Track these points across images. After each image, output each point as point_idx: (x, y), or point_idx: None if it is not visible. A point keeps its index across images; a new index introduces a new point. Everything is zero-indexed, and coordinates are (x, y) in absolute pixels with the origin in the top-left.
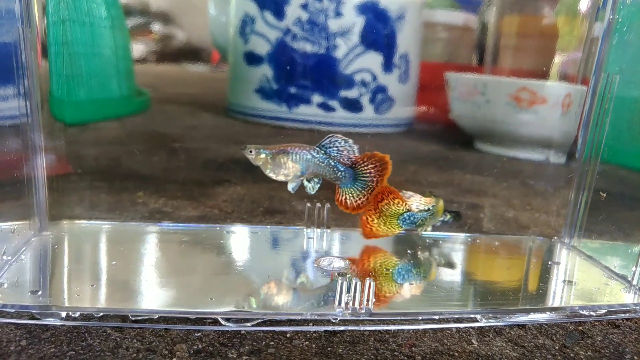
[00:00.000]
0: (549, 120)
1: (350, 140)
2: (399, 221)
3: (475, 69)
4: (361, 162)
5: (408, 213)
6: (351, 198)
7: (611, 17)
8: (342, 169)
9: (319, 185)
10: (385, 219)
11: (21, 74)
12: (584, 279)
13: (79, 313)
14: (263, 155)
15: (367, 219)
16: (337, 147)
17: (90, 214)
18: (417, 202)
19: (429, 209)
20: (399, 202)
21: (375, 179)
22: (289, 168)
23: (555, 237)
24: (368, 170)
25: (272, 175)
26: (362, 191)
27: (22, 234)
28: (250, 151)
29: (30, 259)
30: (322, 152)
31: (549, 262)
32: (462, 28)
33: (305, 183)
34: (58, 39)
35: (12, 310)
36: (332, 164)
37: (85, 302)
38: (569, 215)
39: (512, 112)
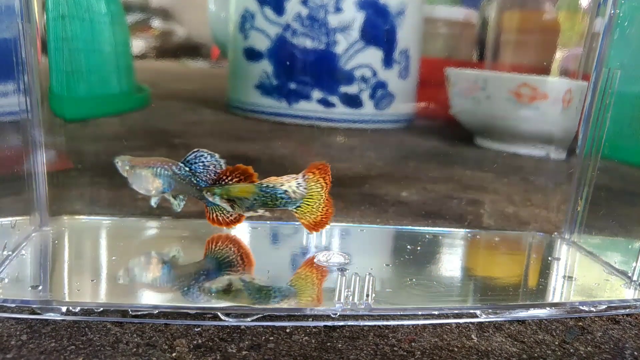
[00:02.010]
0: (549, 116)
1: (217, 155)
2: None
3: (476, 65)
4: (224, 177)
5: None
6: (222, 214)
7: (612, 11)
8: (204, 187)
9: (183, 202)
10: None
11: (21, 70)
12: (584, 274)
13: (79, 308)
14: (127, 167)
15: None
16: (202, 162)
17: (90, 209)
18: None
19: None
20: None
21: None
22: (150, 183)
23: (556, 233)
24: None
25: (135, 188)
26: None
27: (23, 229)
28: (117, 162)
29: (31, 254)
30: (187, 168)
31: (549, 258)
32: (463, 23)
33: (171, 200)
34: (58, 35)
35: (13, 305)
36: (195, 181)
37: (85, 297)
38: (569, 211)
39: (512, 107)
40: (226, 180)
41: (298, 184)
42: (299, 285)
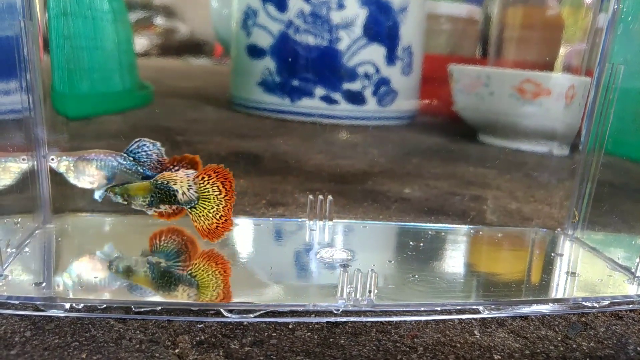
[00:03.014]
0: (552, 112)
1: (158, 144)
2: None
3: (479, 61)
4: (170, 166)
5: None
6: (165, 208)
7: (616, 7)
8: (150, 175)
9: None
10: None
11: (23, 68)
12: (587, 270)
13: (82, 304)
14: (65, 162)
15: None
16: (145, 151)
17: (93, 206)
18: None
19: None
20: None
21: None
22: (93, 175)
23: (559, 229)
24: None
25: (77, 183)
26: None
27: (26, 226)
28: (52, 159)
29: (35, 251)
30: (130, 158)
31: (552, 254)
32: (466, 20)
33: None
34: (60, 32)
35: (17, 302)
36: (140, 170)
37: (88, 293)
38: (572, 206)
39: (515, 104)
40: (173, 170)
41: (189, 186)
42: (198, 276)
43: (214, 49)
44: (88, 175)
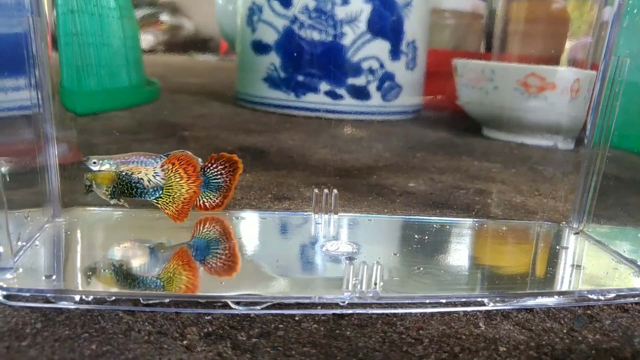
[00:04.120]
0: (557, 106)
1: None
2: None
3: (483, 56)
4: (209, 165)
5: None
6: (209, 200)
7: (621, 0)
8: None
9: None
10: None
11: (32, 65)
12: (592, 263)
13: (92, 297)
14: (107, 166)
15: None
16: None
17: (101, 201)
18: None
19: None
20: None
21: (227, 179)
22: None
23: (564, 222)
24: (218, 172)
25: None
26: (217, 192)
27: (36, 220)
28: (94, 162)
29: (44, 245)
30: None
31: (557, 247)
32: (470, 14)
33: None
34: (67, 29)
35: (28, 294)
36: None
37: (98, 286)
38: (577, 200)
39: (520, 98)
40: (211, 169)
41: (155, 173)
42: (164, 278)
43: (219, 45)
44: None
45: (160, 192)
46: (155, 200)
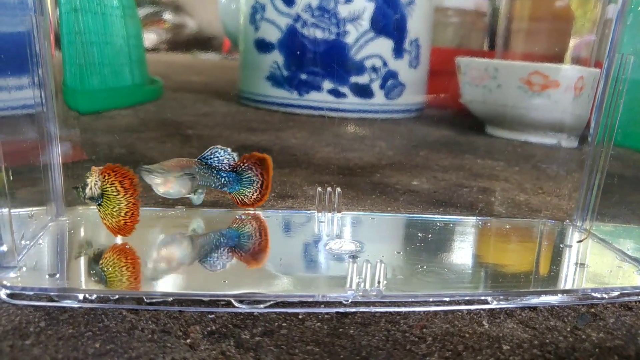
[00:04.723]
0: (561, 104)
1: (229, 149)
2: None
3: (487, 54)
4: (241, 164)
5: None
6: (245, 197)
7: None
8: (224, 175)
9: (203, 195)
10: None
11: (35, 63)
12: (596, 261)
13: (95, 295)
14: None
15: None
16: (217, 157)
17: None
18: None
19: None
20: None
21: (259, 174)
22: (182, 184)
23: (567, 220)
24: (250, 169)
25: (169, 190)
26: (252, 187)
27: (40, 219)
28: (160, 172)
29: (48, 244)
30: (203, 163)
31: (561, 245)
32: (474, 12)
33: (192, 195)
34: (71, 28)
35: (31, 293)
36: (215, 172)
37: (101, 284)
38: (581, 198)
39: (523, 96)
40: (242, 167)
41: (96, 181)
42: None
43: (222, 44)
44: (179, 185)
45: (100, 200)
46: (98, 207)
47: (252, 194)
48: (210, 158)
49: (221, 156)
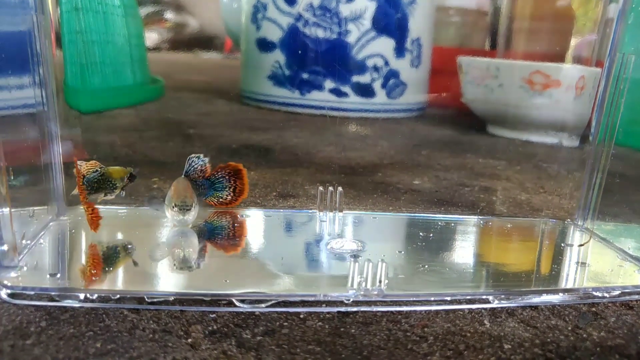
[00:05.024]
0: (562, 103)
1: (201, 155)
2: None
3: (488, 53)
4: (215, 174)
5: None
6: (220, 199)
7: None
8: (200, 184)
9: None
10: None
11: (36, 63)
12: (597, 261)
13: (96, 295)
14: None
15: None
16: (193, 166)
17: (105, 199)
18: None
19: (97, 171)
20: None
21: (232, 182)
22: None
23: (568, 220)
24: (224, 178)
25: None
26: (224, 192)
27: (41, 218)
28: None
29: (49, 243)
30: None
31: (562, 244)
32: (475, 11)
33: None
34: (72, 27)
35: (32, 293)
36: (194, 183)
37: (102, 284)
38: (582, 197)
39: (525, 95)
40: (216, 177)
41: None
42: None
43: (224, 43)
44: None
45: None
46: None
47: (226, 197)
48: (191, 170)
49: (196, 165)
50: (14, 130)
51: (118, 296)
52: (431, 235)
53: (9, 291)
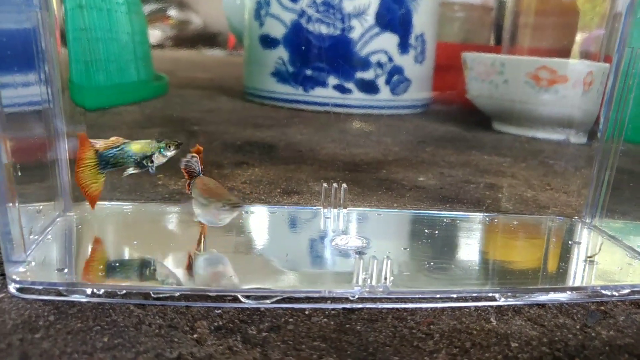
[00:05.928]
0: (569, 99)
1: (189, 154)
2: (99, 168)
3: (493, 49)
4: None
5: (101, 154)
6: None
7: None
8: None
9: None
10: (88, 171)
11: (41, 60)
12: (606, 258)
13: (103, 290)
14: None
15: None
16: (197, 165)
17: (112, 195)
18: (101, 142)
19: (118, 147)
20: (85, 148)
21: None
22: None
23: (576, 217)
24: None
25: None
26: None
27: (48, 214)
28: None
29: (56, 239)
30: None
31: (570, 242)
32: (480, 7)
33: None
34: (76, 25)
35: (40, 287)
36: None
37: (109, 279)
38: (590, 194)
39: (531, 91)
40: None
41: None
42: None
43: (227, 40)
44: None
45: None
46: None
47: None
48: (199, 169)
49: (196, 163)
50: (20, 127)
51: (124, 291)
52: (436, 232)
53: (17, 286)
